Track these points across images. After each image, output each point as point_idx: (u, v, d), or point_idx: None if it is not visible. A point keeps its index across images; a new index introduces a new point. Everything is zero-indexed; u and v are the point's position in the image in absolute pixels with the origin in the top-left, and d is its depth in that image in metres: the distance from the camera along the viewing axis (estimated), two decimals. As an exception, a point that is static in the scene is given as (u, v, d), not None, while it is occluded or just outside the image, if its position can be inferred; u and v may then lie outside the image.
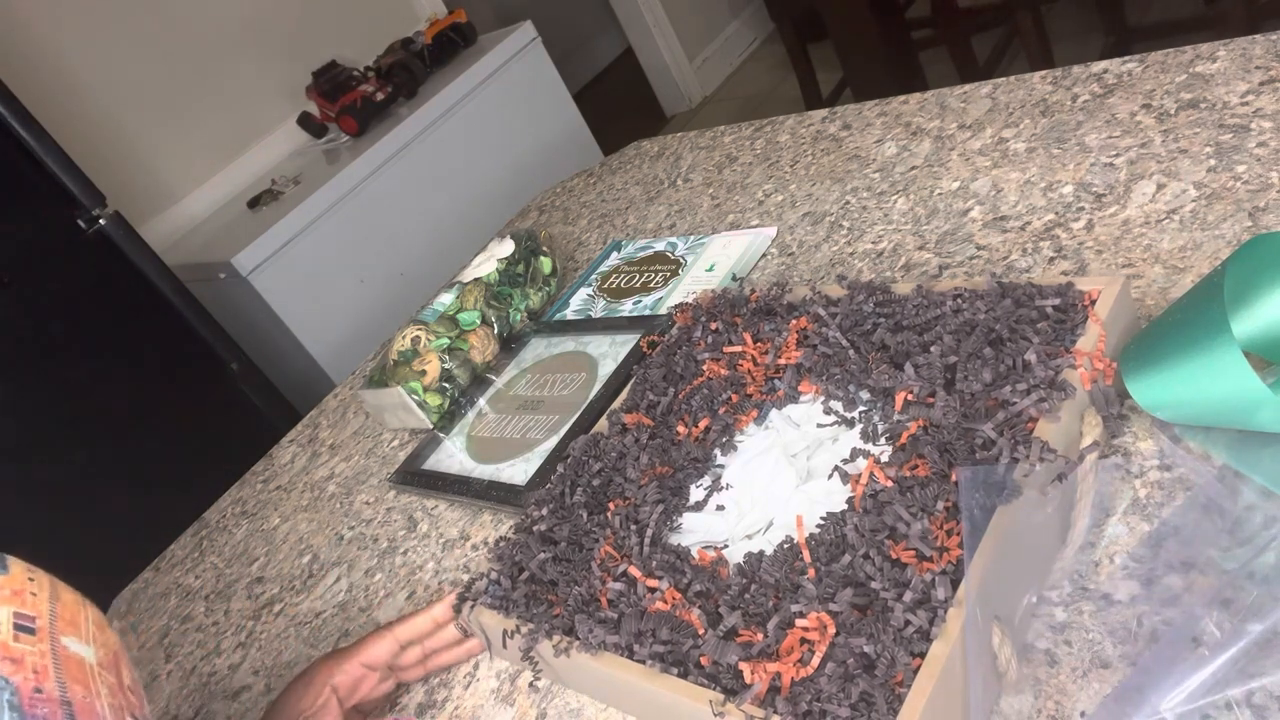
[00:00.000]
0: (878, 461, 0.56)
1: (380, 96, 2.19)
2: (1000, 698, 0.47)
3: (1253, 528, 0.47)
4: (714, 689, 0.49)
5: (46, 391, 1.60)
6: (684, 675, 0.51)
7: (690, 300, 0.82)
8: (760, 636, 0.50)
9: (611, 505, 0.66)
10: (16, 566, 0.37)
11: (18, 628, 0.34)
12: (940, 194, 0.89)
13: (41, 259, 1.58)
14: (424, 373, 0.99)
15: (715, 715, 0.48)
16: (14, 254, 1.55)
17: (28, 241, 1.57)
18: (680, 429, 0.71)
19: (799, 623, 0.49)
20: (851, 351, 0.66)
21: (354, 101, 2.17)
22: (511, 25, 2.31)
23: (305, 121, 2.31)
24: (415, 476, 0.93)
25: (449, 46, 2.32)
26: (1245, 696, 0.41)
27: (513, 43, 2.25)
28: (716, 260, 0.99)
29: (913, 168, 0.95)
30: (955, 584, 0.47)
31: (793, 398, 0.69)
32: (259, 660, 0.87)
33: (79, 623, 0.37)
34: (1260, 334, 0.53)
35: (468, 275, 1.08)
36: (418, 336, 1.01)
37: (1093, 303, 0.59)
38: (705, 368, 0.74)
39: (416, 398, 0.98)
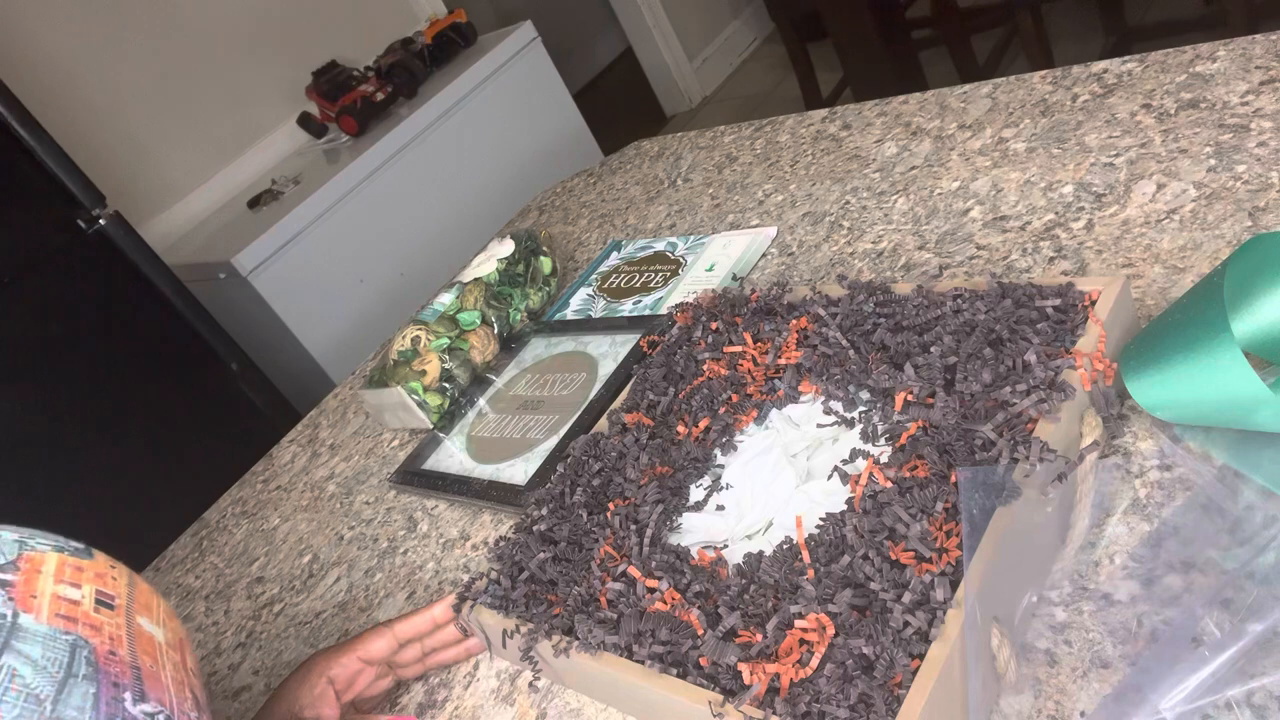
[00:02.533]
0: (877, 462, 0.56)
1: (380, 96, 2.19)
2: (1000, 698, 0.47)
3: (1253, 528, 0.47)
4: (713, 689, 0.49)
5: (46, 391, 1.60)
6: (683, 676, 0.51)
7: (690, 300, 0.82)
8: (759, 637, 0.50)
9: (611, 505, 0.66)
10: (100, 556, 0.43)
11: (99, 602, 0.40)
12: (940, 194, 0.89)
13: (41, 259, 1.58)
14: (424, 373, 0.99)
15: (714, 716, 0.48)
16: (14, 254, 1.55)
17: (28, 241, 1.58)
18: (680, 429, 0.71)
19: (798, 623, 0.49)
20: (851, 351, 0.66)
21: (354, 101, 2.17)
22: (511, 25, 2.31)
23: (305, 121, 2.31)
24: (415, 476, 0.93)
25: (449, 46, 2.32)
26: (1245, 696, 0.41)
27: (513, 43, 2.25)
28: (716, 260, 0.99)
29: (913, 168, 0.95)
30: (954, 585, 0.47)
31: (793, 398, 0.69)
32: (259, 660, 0.87)
33: (152, 607, 0.43)
34: (1260, 334, 0.53)
35: (468, 275, 1.08)
36: (418, 336, 1.01)
37: (1093, 303, 0.59)
38: (705, 368, 0.74)
39: (416, 398, 0.98)
